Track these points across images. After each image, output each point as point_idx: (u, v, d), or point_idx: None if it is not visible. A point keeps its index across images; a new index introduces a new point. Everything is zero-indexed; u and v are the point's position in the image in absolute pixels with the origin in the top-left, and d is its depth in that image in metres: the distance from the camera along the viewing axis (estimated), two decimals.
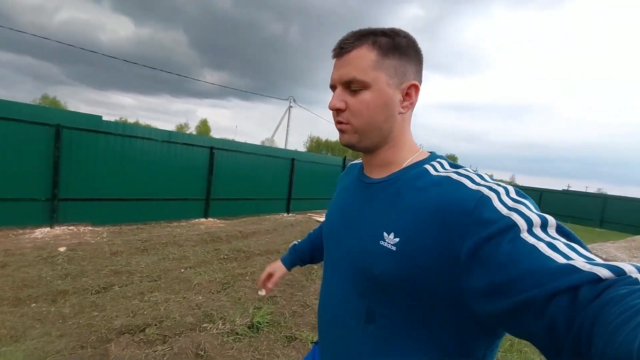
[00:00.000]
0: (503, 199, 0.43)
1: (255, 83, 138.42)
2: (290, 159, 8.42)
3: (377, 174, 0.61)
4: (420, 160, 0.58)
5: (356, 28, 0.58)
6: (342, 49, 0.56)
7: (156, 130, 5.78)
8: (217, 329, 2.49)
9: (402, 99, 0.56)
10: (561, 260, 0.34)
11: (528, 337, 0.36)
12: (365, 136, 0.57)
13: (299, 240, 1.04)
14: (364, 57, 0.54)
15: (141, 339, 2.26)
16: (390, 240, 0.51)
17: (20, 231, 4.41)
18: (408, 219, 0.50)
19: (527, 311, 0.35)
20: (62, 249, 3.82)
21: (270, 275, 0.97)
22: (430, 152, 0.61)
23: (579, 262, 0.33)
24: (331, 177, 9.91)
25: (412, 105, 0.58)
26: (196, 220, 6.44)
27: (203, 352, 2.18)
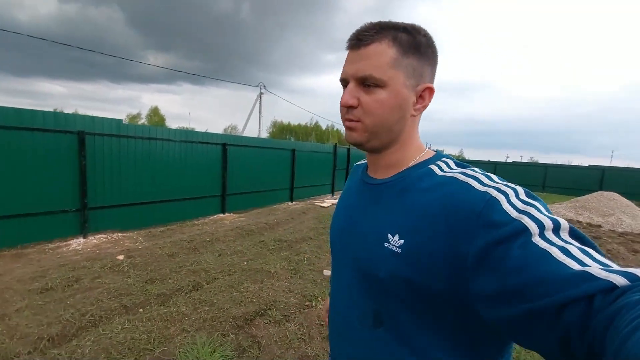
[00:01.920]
0: (512, 200, 0.42)
1: (206, 65, 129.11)
2: (291, 150, 8.67)
3: (382, 175, 0.60)
4: (425, 160, 0.57)
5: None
6: (360, 41, 0.52)
7: (175, 130, 5.67)
8: (320, 305, 2.94)
9: (415, 101, 0.54)
10: (575, 266, 0.33)
11: (537, 347, 0.35)
12: (375, 136, 0.55)
13: None
14: (384, 53, 0.51)
15: (269, 320, 2.64)
16: (394, 242, 0.50)
17: (54, 245, 4.24)
18: (413, 220, 0.49)
19: (538, 320, 0.33)
20: (120, 257, 3.84)
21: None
22: (436, 151, 0.60)
23: (594, 269, 0.32)
24: (326, 164, 10.41)
25: (425, 108, 0.56)
26: (215, 216, 6.54)
27: (324, 322, 2.64)
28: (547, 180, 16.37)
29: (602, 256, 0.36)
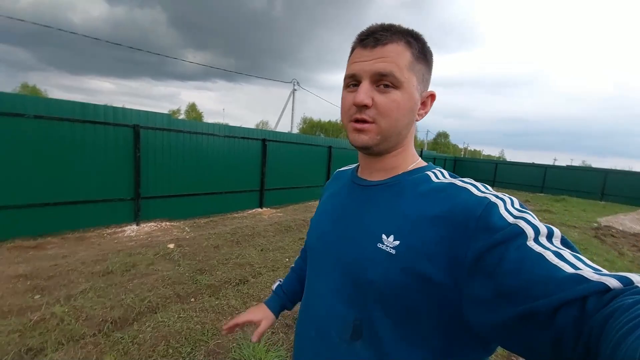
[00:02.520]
0: (509, 207, 0.43)
1: (239, 63, 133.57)
2: (328, 147, 8.59)
3: (377, 177, 0.59)
4: (421, 167, 0.57)
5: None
6: (377, 40, 0.51)
7: (219, 125, 5.82)
8: None
9: (420, 107, 0.55)
10: (569, 269, 0.34)
11: (528, 350, 0.35)
12: (386, 139, 0.53)
13: (283, 279, 0.91)
14: (403, 54, 0.50)
15: None
16: (389, 243, 0.49)
17: (111, 230, 4.53)
18: (410, 222, 0.48)
19: (532, 322, 0.33)
20: (171, 246, 3.99)
21: (247, 322, 0.81)
22: (428, 163, 0.60)
23: (587, 272, 0.33)
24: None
25: (426, 114, 0.57)
26: (254, 210, 6.64)
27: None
28: (607, 187, 14.67)
29: (592, 263, 0.36)
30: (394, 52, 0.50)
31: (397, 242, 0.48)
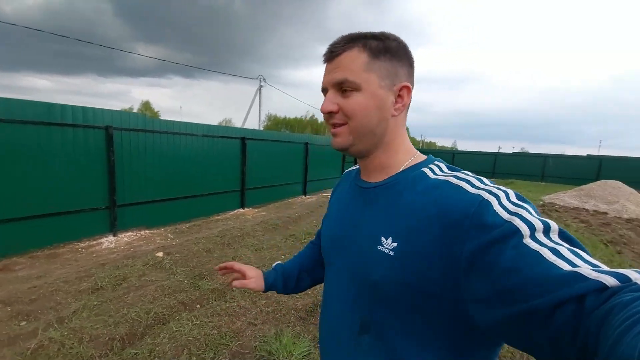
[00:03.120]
0: (503, 202, 0.43)
1: (196, 58, 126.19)
2: (304, 144, 8.62)
3: (375, 178, 0.60)
4: (417, 164, 0.58)
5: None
6: (332, 53, 0.56)
7: (197, 125, 5.54)
8: None
9: (394, 101, 0.56)
10: (566, 267, 0.34)
11: (529, 347, 0.35)
12: (359, 140, 0.56)
13: (284, 262, 0.91)
14: (355, 59, 0.53)
15: None
16: (388, 245, 0.50)
17: (85, 244, 4.14)
18: (406, 223, 0.49)
19: (531, 320, 0.34)
20: (159, 254, 3.79)
21: (241, 272, 0.83)
22: (427, 156, 0.61)
23: (585, 270, 0.33)
24: (336, 157, 10.41)
25: (405, 107, 0.57)
26: (236, 211, 6.48)
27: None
28: (546, 170, 16.73)
29: (591, 257, 0.37)
30: (347, 59, 0.54)
31: (395, 244, 0.49)
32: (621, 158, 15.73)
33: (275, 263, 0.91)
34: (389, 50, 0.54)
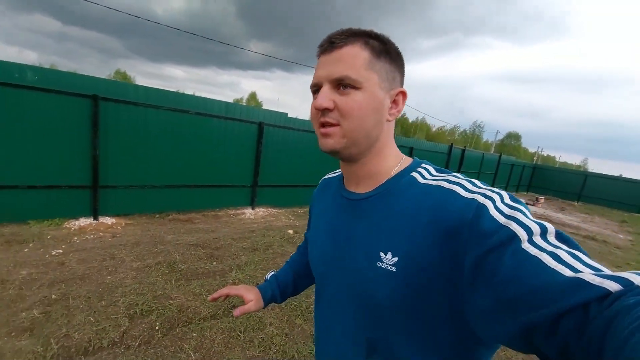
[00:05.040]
0: (499, 206, 0.42)
1: (299, 53, 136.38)
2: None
3: (363, 188, 0.57)
4: (406, 168, 0.55)
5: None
6: (332, 44, 0.51)
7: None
8: None
9: (390, 106, 0.54)
10: (568, 273, 0.33)
11: (532, 352, 0.35)
12: (353, 142, 0.52)
13: (277, 271, 0.88)
14: (358, 54, 0.50)
15: None
16: (388, 260, 0.48)
17: (233, 212, 5.33)
18: (404, 235, 0.47)
19: (536, 331, 0.33)
20: (290, 232, 4.60)
21: (238, 296, 0.79)
22: (413, 159, 0.59)
23: (587, 275, 0.32)
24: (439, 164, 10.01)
25: (399, 113, 0.55)
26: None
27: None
28: None
29: (590, 258, 0.35)
30: (349, 54, 0.50)
31: (396, 259, 0.47)
32: None
33: (269, 274, 0.89)
34: (389, 52, 0.53)
